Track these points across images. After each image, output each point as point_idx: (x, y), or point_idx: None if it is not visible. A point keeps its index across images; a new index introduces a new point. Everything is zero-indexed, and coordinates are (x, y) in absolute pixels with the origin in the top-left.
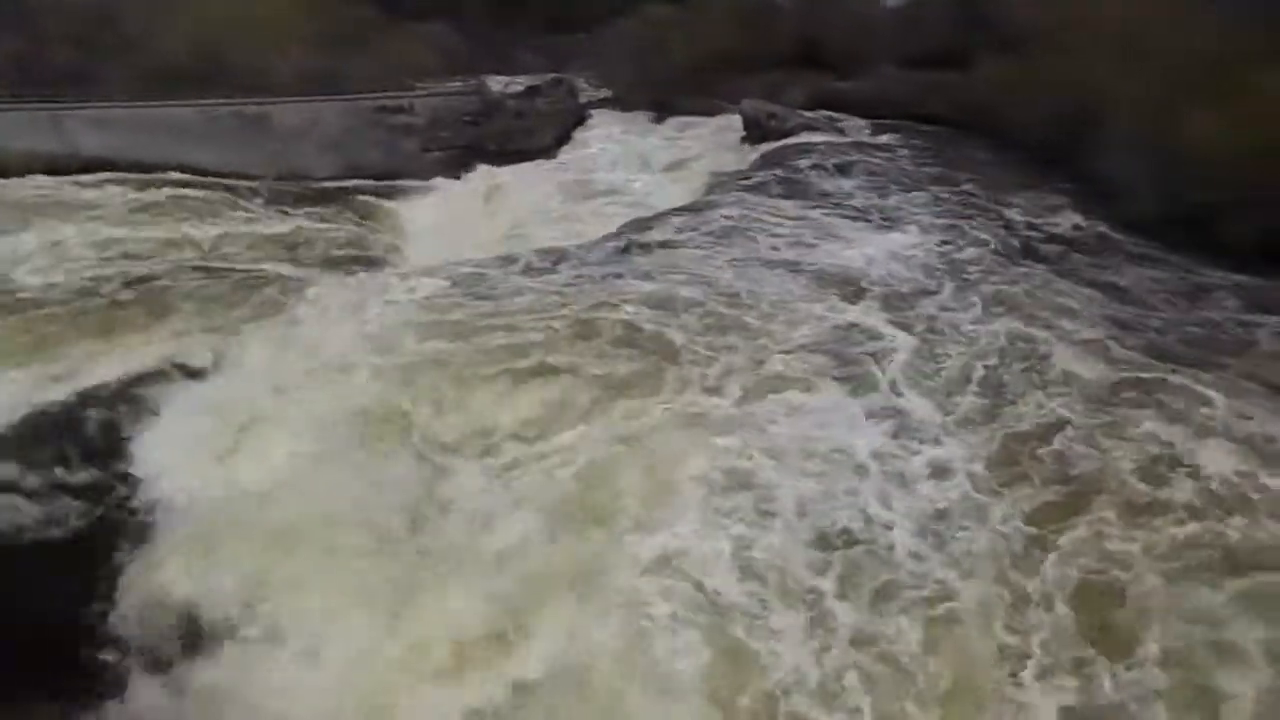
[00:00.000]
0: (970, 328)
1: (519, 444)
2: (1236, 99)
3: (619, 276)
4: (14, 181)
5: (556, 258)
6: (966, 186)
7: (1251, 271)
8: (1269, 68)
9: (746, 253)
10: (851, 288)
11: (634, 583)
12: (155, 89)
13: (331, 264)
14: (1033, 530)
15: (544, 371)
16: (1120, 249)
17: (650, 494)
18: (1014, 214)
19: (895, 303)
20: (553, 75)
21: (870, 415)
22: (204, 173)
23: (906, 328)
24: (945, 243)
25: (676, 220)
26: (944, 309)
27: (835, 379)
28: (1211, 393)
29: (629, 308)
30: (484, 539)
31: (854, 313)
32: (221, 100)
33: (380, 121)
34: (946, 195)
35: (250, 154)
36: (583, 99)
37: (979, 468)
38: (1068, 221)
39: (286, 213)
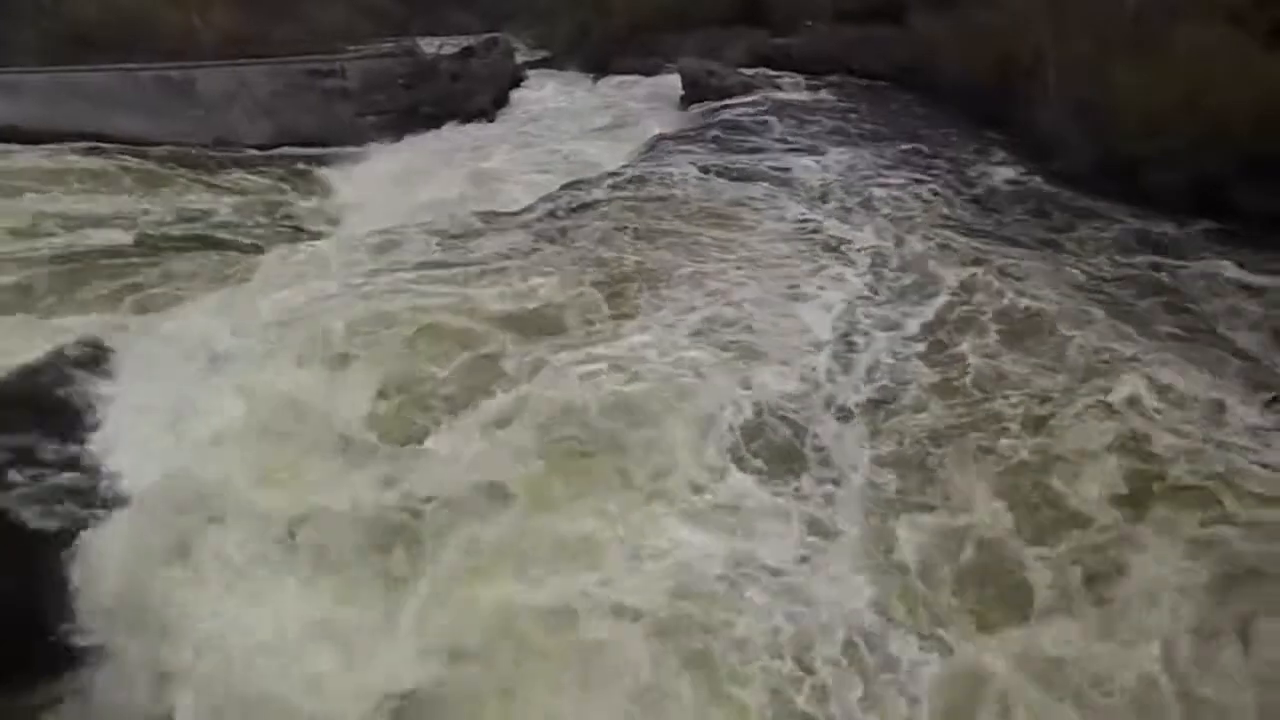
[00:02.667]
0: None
1: None
2: (1157, 53)
3: (569, 232)
4: None
5: (505, 219)
6: (900, 140)
7: (1162, 217)
8: (1185, 23)
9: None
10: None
11: None
12: (70, 54)
13: (270, 236)
14: None
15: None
16: (1042, 195)
17: None
18: (943, 163)
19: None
20: (487, 35)
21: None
22: (128, 141)
23: None
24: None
25: (620, 178)
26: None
27: None
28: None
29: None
30: None
31: None
32: (143, 65)
33: (311, 86)
34: (880, 147)
35: (177, 121)
36: (519, 59)
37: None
38: (1002, 173)
39: (218, 182)
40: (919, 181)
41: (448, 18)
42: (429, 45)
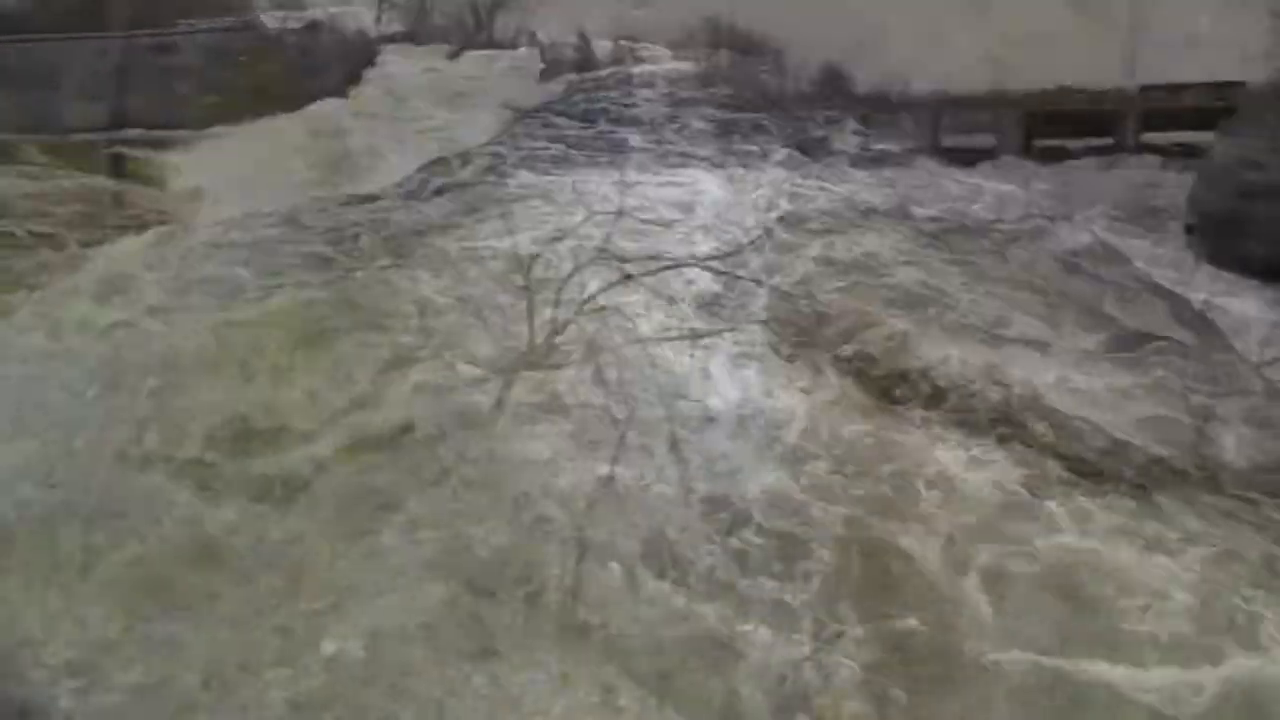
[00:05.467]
0: None
1: None
2: None
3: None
4: None
5: (366, 202)
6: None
7: None
8: None
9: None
10: None
11: None
12: None
13: (103, 230)
14: None
15: None
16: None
17: None
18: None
19: None
20: (336, 9)
21: None
22: None
23: None
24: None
25: (482, 154)
26: None
27: None
28: None
29: None
30: None
31: None
32: None
33: (146, 63)
34: (738, 112)
35: None
36: (372, 34)
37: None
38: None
39: (36, 172)
40: (773, 141)
41: None
42: (272, 19)
